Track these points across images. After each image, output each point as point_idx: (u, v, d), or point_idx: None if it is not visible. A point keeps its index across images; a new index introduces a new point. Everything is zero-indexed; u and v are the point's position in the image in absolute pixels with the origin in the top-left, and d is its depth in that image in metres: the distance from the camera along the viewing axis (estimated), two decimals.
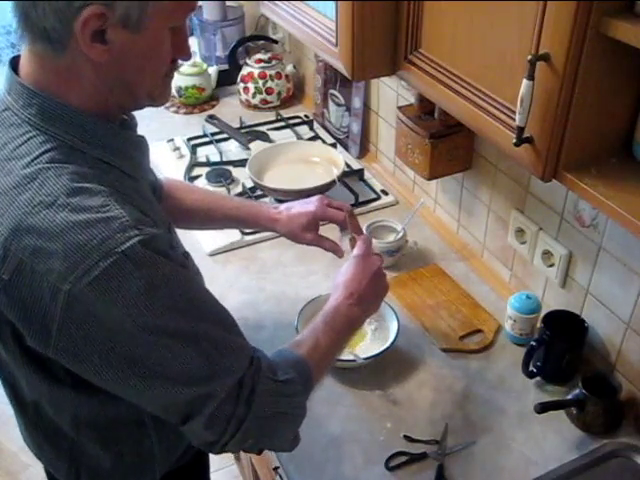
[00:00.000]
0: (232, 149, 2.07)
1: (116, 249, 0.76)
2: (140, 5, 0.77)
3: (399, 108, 1.53)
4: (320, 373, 1.02)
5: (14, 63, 0.85)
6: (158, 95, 0.90)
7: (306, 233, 1.28)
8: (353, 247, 1.18)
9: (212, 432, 0.87)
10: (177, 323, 0.81)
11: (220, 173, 1.91)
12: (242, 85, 2.29)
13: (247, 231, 1.69)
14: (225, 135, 2.13)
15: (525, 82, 0.82)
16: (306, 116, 2.24)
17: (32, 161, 0.80)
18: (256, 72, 2.26)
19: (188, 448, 1.10)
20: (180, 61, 0.92)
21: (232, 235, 1.67)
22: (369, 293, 1.10)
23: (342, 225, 1.26)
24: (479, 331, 1.41)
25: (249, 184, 1.84)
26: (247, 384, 0.88)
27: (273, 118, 2.23)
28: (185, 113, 2.30)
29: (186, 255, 1.00)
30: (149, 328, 0.79)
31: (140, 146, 0.95)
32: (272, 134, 2.13)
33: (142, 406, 0.88)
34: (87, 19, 0.75)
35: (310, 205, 1.29)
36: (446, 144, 1.46)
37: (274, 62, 2.27)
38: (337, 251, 1.27)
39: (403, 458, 1.17)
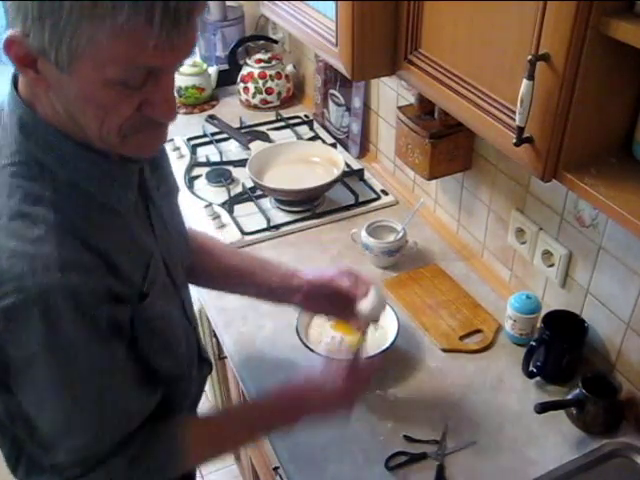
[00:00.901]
0: (232, 149, 2.07)
1: (30, 288, 0.76)
2: (54, 43, 0.71)
3: (399, 108, 1.53)
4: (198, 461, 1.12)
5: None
6: (118, 146, 0.82)
7: (328, 271, 1.21)
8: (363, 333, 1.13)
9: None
10: (66, 381, 0.84)
11: (220, 173, 1.92)
12: (242, 85, 2.29)
13: (247, 231, 1.69)
14: (225, 135, 2.13)
15: (525, 82, 0.82)
16: (306, 116, 2.24)
17: None
18: (256, 72, 2.26)
19: None
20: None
21: (232, 235, 1.67)
22: (328, 411, 1.10)
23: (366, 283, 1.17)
24: (479, 331, 1.41)
25: (249, 184, 1.84)
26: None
27: (273, 118, 2.23)
28: (185, 113, 2.30)
29: (150, 285, 0.92)
30: (40, 374, 0.82)
31: (121, 180, 0.89)
32: (272, 134, 2.13)
33: None
34: (9, 42, 0.73)
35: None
36: (446, 144, 1.46)
37: (274, 62, 2.27)
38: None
39: (403, 458, 1.17)
